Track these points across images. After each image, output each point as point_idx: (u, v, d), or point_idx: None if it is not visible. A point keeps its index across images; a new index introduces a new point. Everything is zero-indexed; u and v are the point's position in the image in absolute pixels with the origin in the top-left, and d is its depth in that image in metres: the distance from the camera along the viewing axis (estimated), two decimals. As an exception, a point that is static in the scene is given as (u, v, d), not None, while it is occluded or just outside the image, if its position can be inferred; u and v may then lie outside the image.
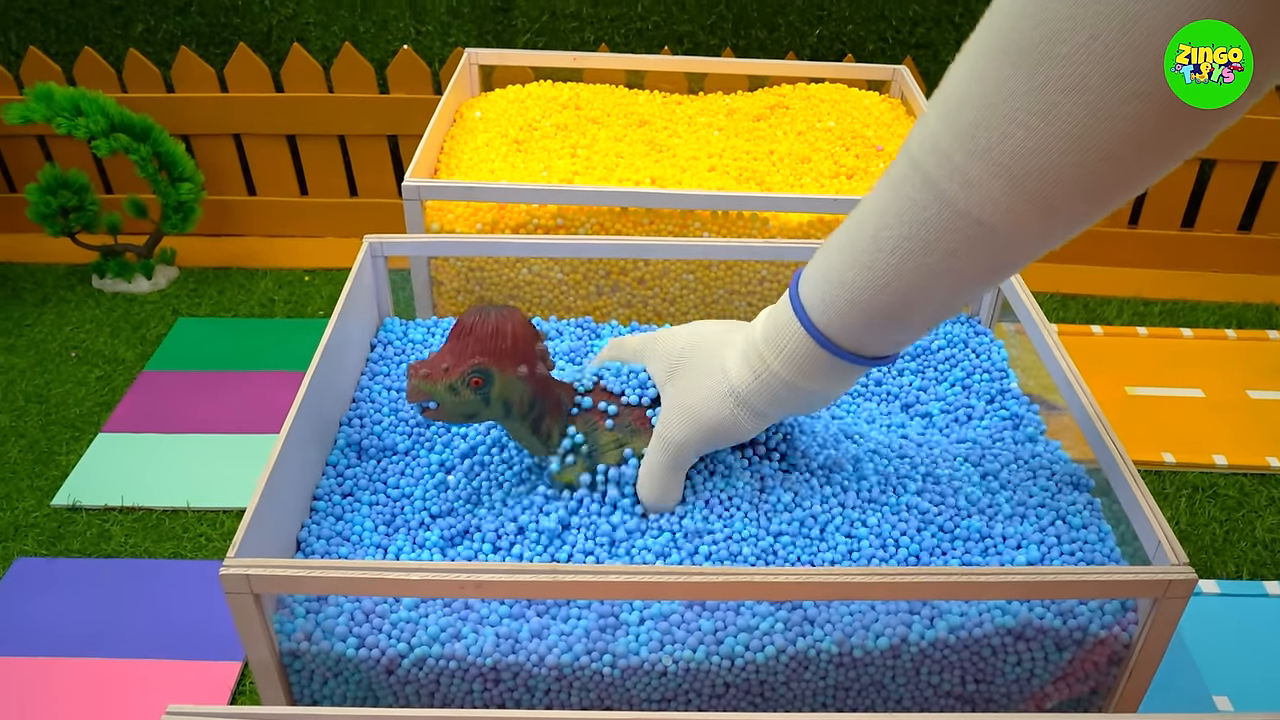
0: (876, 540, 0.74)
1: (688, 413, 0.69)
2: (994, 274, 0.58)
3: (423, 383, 0.69)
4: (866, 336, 0.62)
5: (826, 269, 0.61)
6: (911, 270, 0.57)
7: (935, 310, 0.60)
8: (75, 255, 1.77)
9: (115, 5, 1.73)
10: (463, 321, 0.70)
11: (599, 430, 0.74)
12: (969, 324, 0.97)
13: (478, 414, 0.71)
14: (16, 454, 1.37)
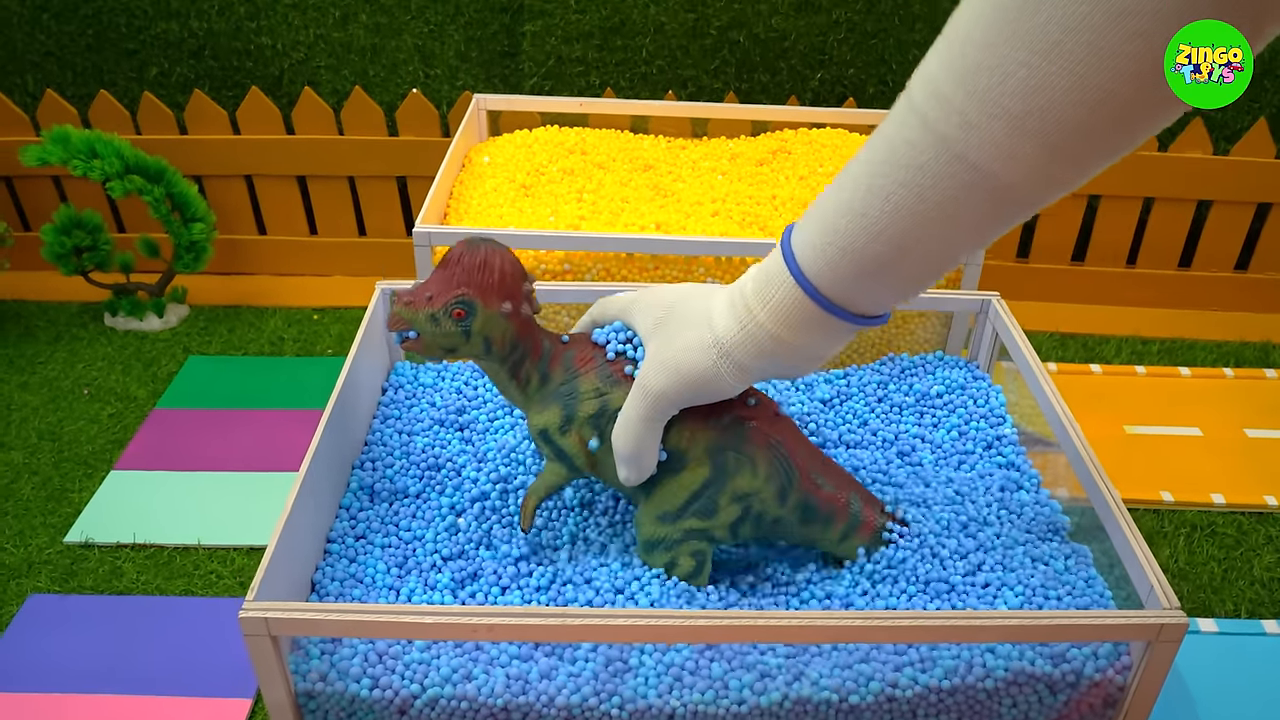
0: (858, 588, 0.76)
1: (669, 363, 0.68)
2: (987, 227, 0.57)
3: (404, 310, 0.69)
4: (857, 289, 0.61)
5: (819, 218, 0.61)
6: (905, 218, 0.56)
7: (927, 264, 0.60)
8: (87, 293, 1.80)
9: (130, 49, 1.77)
10: (451, 253, 0.69)
11: (579, 378, 0.73)
12: (967, 369, 0.99)
13: (457, 348, 0.70)
14: (29, 491, 1.39)
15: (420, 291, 0.69)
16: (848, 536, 0.77)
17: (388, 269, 1.87)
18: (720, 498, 0.73)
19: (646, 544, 0.75)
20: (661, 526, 0.74)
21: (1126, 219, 1.77)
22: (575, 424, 0.73)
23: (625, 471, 0.72)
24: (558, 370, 0.74)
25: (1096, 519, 0.78)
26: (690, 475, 0.73)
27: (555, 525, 0.80)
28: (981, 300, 0.98)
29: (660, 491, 0.74)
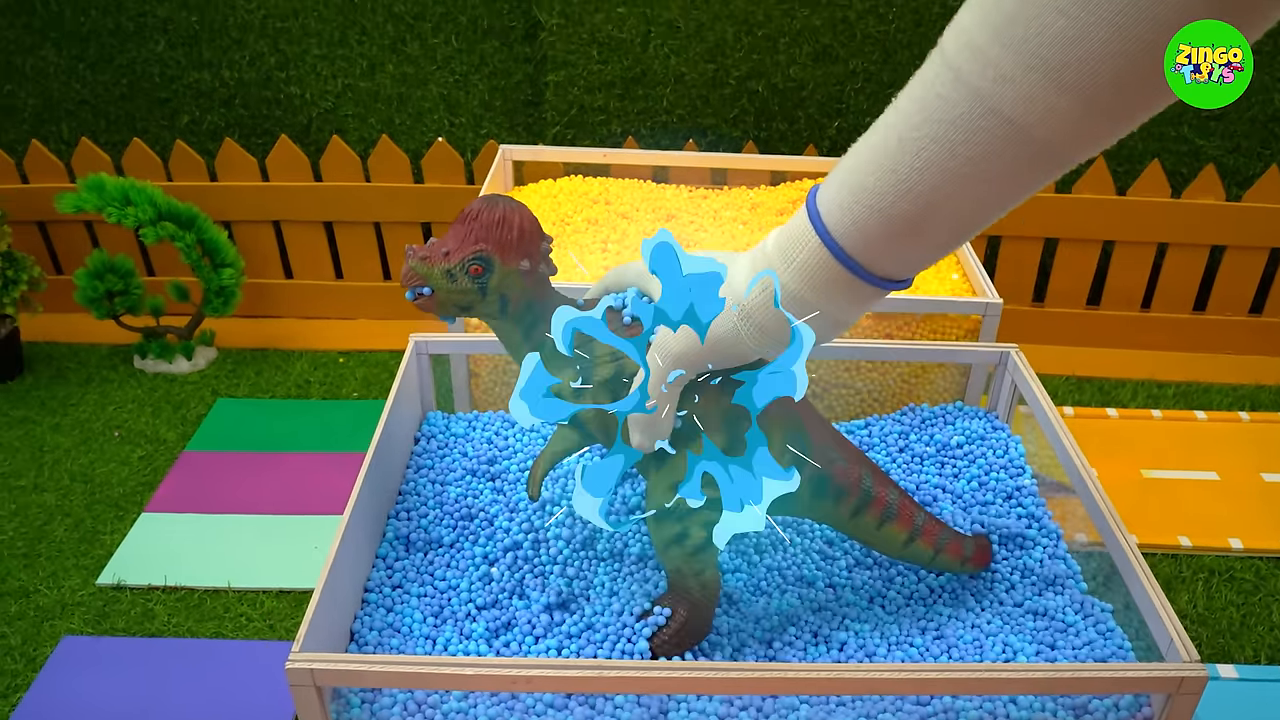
0: (872, 643, 0.78)
1: (683, 329, 0.65)
2: (1019, 185, 0.56)
3: (420, 265, 0.66)
4: (884, 250, 0.59)
5: (847, 176, 0.59)
6: (936, 174, 0.55)
7: (956, 224, 0.58)
8: (117, 336, 1.83)
9: (163, 98, 1.81)
10: (469, 208, 0.67)
11: (594, 341, 0.70)
12: (987, 419, 1.01)
13: (472, 306, 0.68)
14: (63, 533, 1.42)
15: (436, 247, 0.67)
16: (859, 513, 0.76)
17: (411, 314, 1.90)
18: None
19: (658, 514, 0.72)
20: (671, 494, 0.70)
21: (1141, 264, 1.79)
22: (589, 388, 0.71)
23: (639, 438, 0.68)
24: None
25: (1115, 567, 0.80)
26: (700, 444, 0.69)
27: (586, 575, 0.82)
28: (1001, 352, 1.00)
29: (673, 460, 0.70)
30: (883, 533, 0.78)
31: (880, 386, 1.11)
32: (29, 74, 1.80)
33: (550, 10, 1.66)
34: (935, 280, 1.19)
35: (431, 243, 0.67)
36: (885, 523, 0.78)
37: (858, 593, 0.84)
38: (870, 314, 1.14)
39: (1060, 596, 0.82)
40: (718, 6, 1.65)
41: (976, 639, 0.78)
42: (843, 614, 0.82)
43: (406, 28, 1.72)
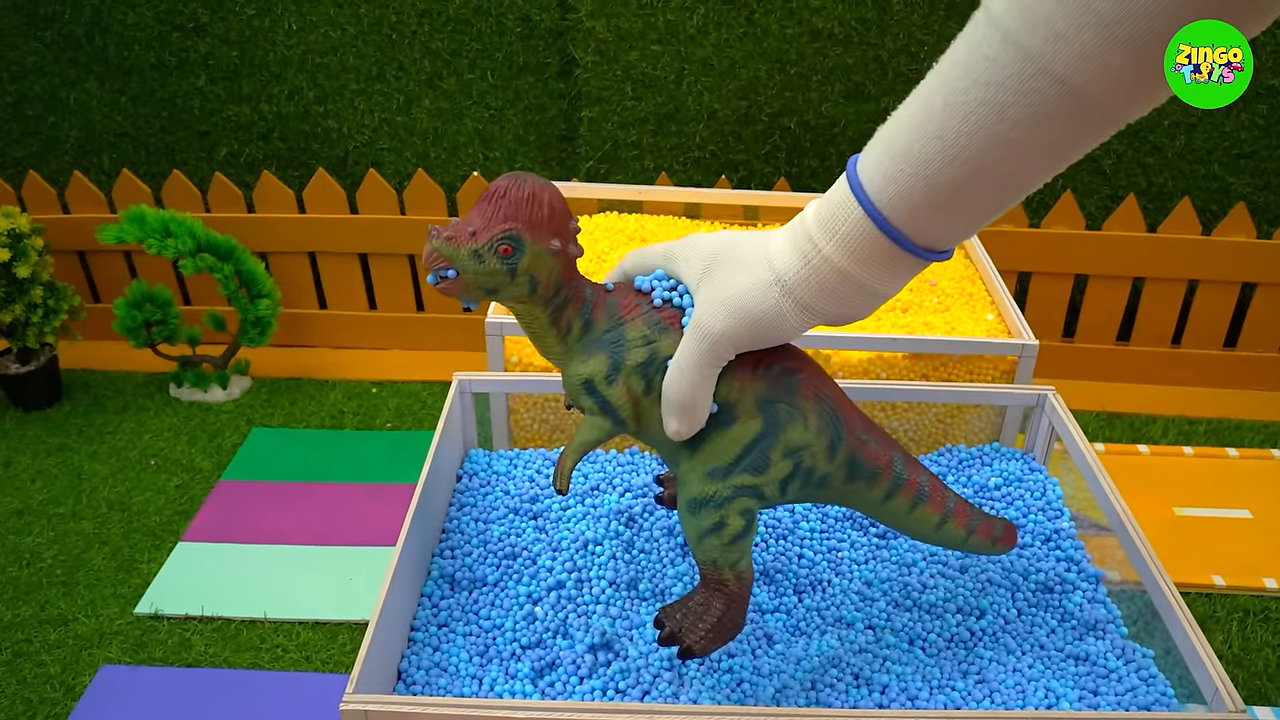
0: (914, 686, 0.78)
1: (728, 303, 0.64)
2: (1067, 147, 0.55)
3: (445, 245, 0.63)
4: (927, 219, 0.58)
5: (890, 144, 0.58)
6: (985, 138, 0.54)
7: (1002, 190, 0.57)
8: (153, 365, 1.86)
9: (202, 130, 1.84)
10: (495, 185, 0.63)
11: (625, 325, 0.69)
12: (1024, 460, 1.01)
13: (499, 289, 0.65)
14: (100, 561, 1.44)
15: (461, 226, 0.63)
16: (891, 496, 0.75)
17: (444, 344, 1.92)
18: (772, 452, 0.69)
19: (693, 502, 0.70)
20: (711, 483, 0.69)
21: (1171, 300, 1.80)
22: (623, 373, 0.68)
23: (676, 424, 0.67)
24: (601, 317, 0.69)
25: (1154, 610, 0.80)
26: (741, 428, 0.68)
27: (629, 615, 0.83)
28: (1038, 395, 1.00)
29: (709, 446, 0.69)
30: (915, 515, 0.76)
31: (916, 427, 1.12)
32: (72, 107, 1.83)
33: (585, 48, 1.68)
34: (970, 321, 1.20)
35: (455, 222, 0.63)
36: (918, 505, 0.76)
37: (898, 635, 0.85)
38: (906, 355, 1.15)
39: (1101, 642, 0.82)
40: (751, 45, 1.67)
41: (1019, 684, 0.78)
42: (883, 656, 0.83)
43: (443, 64, 1.75)
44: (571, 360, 0.69)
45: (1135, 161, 1.75)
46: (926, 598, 0.87)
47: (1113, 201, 1.78)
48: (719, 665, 0.80)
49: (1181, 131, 1.70)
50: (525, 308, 0.67)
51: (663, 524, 0.94)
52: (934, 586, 0.87)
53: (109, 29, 1.76)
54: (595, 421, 0.70)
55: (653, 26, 1.66)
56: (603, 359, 0.68)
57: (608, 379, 0.68)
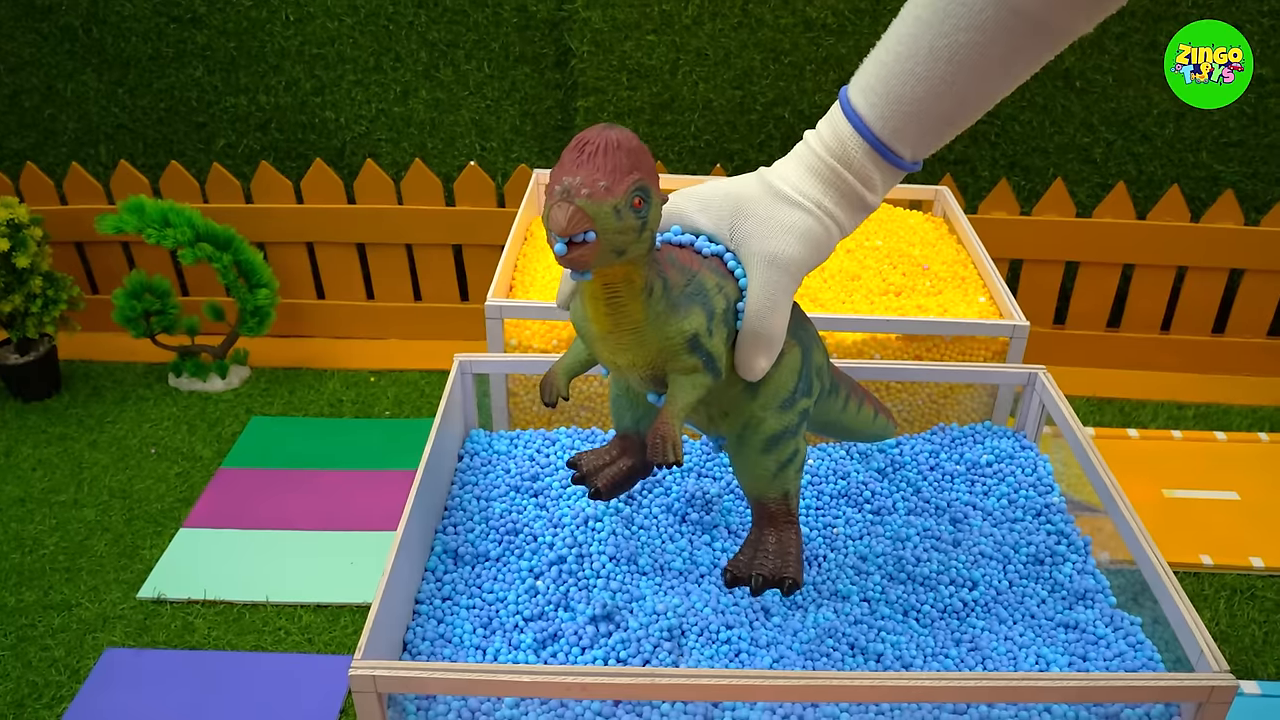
0: (909, 654, 0.80)
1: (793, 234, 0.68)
2: (1033, 69, 0.65)
3: (589, 203, 0.55)
4: (919, 143, 0.69)
5: (881, 86, 0.67)
6: (969, 74, 0.64)
7: (978, 110, 0.68)
8: (152, 355, 1.87)
9: (200, 122, 1.85)
10: (597, 138, 0.57)
11: (698, 275, 0.67)
12: (1015, 438, 1.03)
13: (627, 249, 0.58)
14: (103, 547, 1.45)
15: (592, 181, 0.55)
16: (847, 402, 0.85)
17: (442, 333, 1.94)
18: (810, 372, 0.75)
19: (771, 439, 0.72)
20: (784, 415, 0.72)
21: (1160, 287, 1.82)
22: (715, 321, 0.67)
23: (765, 361, 0.69)
24: (674, 273, 0.65)
25: (1143, 584, 0.82)
26: (791, 358, 0.73)
27: (629, 588, 0.85)
28: (1029, 374, 1.02)
29: (772, 382, 0.72)
30: (861, 413, 0.87)
31: (909, 407, 1.14)
32: (69, 98, 1.84)
33: (581, 38, 1.70)
34: (963, 303, 1.22)
35: (577, 179, 0.55)
36: (862, 405, 0.87)
37: (892, 606, 0.87)
38: (900, 336, 1.16)
39: (1090, 610, 0.84)
40: (745, 35, 1.68)
41: (1010, 651, 0.80)
42: (879, 627, 0.84)
43: (440, 55, 1.76)
44: (662, 321, 0.64)
45: (1125, 150, 1.77)
46: (920, 570, 0.89)
47: (1102, 190, 1.80)
48: (717, 636, 0.81)
49: (1170, 120, 1.72)
50: (627, 272, 0.61)
51: (661, 501, 0.95)
52: (927, 560, 0.89)
53: (106, 20, 1.77)
54: (697, 379, 0.67)
55: (648, 17, 1.67)
56: (699, 312, 0.65)
57: (709, 331, 0.66)
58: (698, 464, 1.00)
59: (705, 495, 0.94)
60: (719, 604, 0.85)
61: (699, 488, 0.95)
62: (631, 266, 0.61)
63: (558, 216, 0.55)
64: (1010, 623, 0.84)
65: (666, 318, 0.64)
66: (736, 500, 0.97)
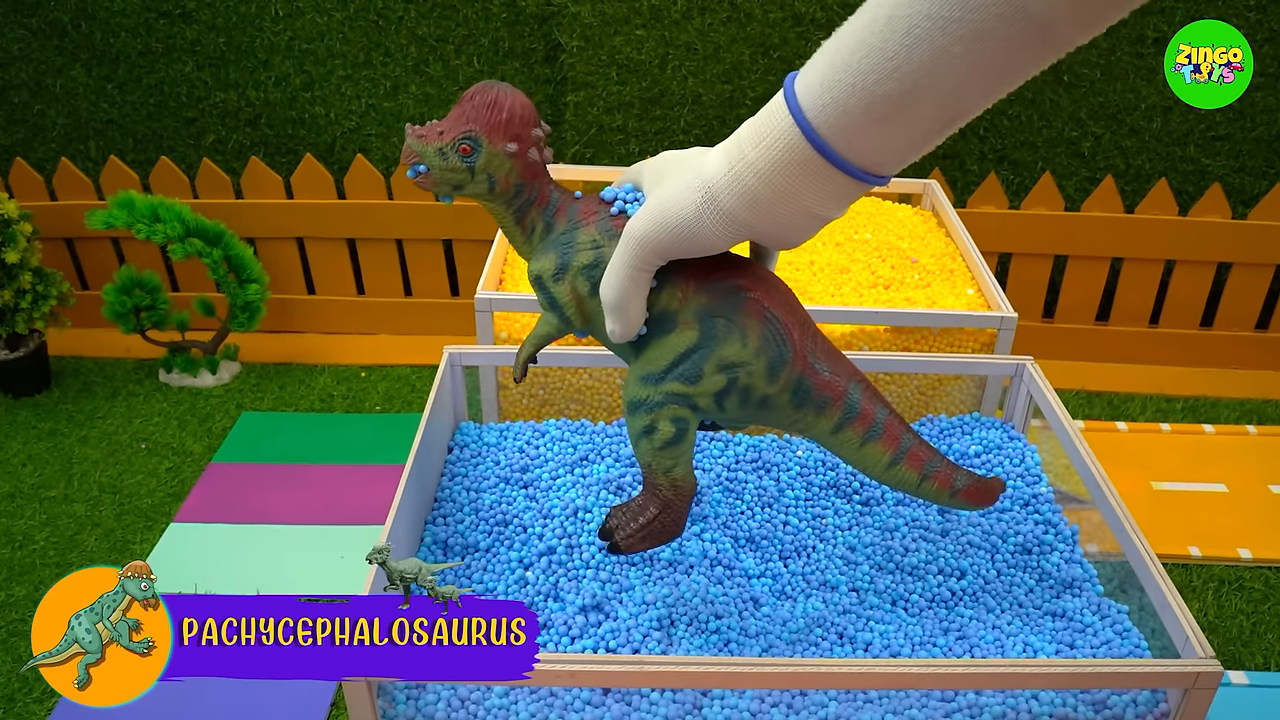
0: (897, 643, 0.81)
1: (653, 207, 0.65)
2: (1010, 68, 0.54)
3: (416, 142, 0.69)
4: (860, 134, 0.57)
5: (829, 55, 0.57)
6: (926, 52, 0.53)
7: (940, 109, 0.56)
8: (142, 350, 1.87)
9: (189, 117, 1.85)
10: (468, 92, 0.69)
11: (579, 228, 0.72)
12: (1003, 429, 1.04)
13: (463, 185, 0.70)
14: (93, 542, 1.45)
15: (433, 127, 0.69)
16: (841, 428, 0.74)
17: (433, 328, 1.94)
18: (705, 364, 0.71)
19: (629, 404, 0.73)
20: (644, 388, 0.72)
21: (1149, 280, 1.83)
22: (569, 273, 0.72)
23: (612, 324, 0.70)
24: (561, 220, 0.73)
25: (1130, 573, 0.82)
26: (678, 337, 0.71)
27: (618, 578, 0.85)
28: (1017, 364, 1.03)
29: (648, 352, 0.72)
30: (866, 451, 0.75)
31: (898, 399, 1.14)
32: (58, 94, 1.84)
33: (570, 33, 1.70)
34: (951, 295, 1.22)
35: (430, 123, 0.70)
36: (869, 441, 0.75)
37: (881, 596, 0.87)
38: (889, 328, 1.17)
39: (1078, 599, 0.85)
40: (734, 29, 1.68)
41: (998, 639, 0.81)
42: (867, 616, 0.85)
43: (429, 50, 1.76)
44: (531, 258, 0.74)
45: (1113, 144, 1.77)
46: (909, 560, 0.89)
47: (1091, 183, 1.80)
48: (706, 626, 0.82)
49: (1158, 114, 1.73)
50: (492, 206, 0.72)
51: (651, 492, 0.96)
52: (915, 550, 0.90)
53: (95, 15, 1.77)
54: (546, 317, 0.75)
55: (637, 11, 1.67)
56: (552, 258, 0.72)
57: (554, 277, 0.73)
58: (687, 456, 1.01)
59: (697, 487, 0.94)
60: (708, 594, 0.85)
61: (689, 479, 0.95)
62: (495, 205, 0.72)
63: (403, 148, 0.69)
64: (998, 611, 0.85)
65: (533, 254, 0.74)
66: (725, 493, 0.98)
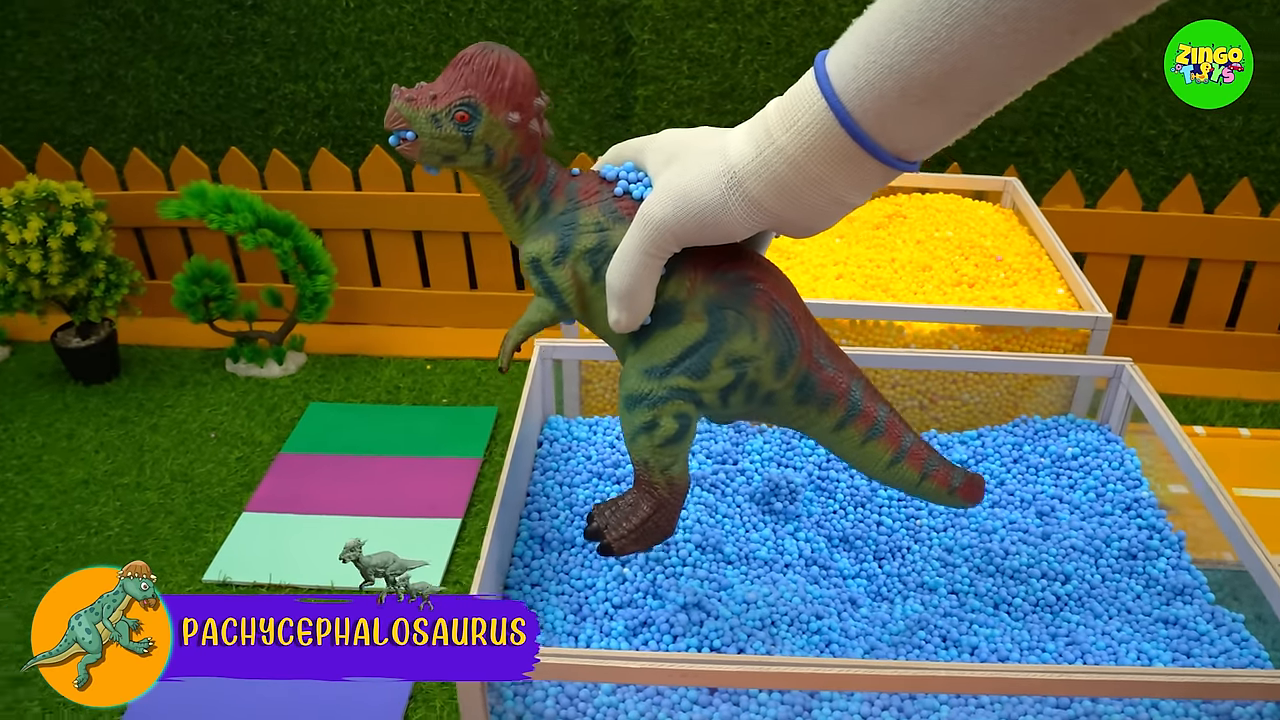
0: (1004, 647, 0.79)
1: (673, 190, 0.61)
2: (1054, 48, 0.51)
3: (404, 106, 0.63)
4: (896, 119, 0.54)
5: (864, 34, 0.54)
6: (968, 32, 0.50)
7: (980, 92, 0.53)
8: (209, 340, 1.88)
9: (258, 108, 1.85)
10: (463, 53, 0.64)
11: (581, 209, 0.68)
12: (1099, 432, 1.02)
13: (456, 156, 0.65)
14: (167, 530, 1.46)
15: (424, 90, 0.64)
16: (843, 426, 0.71)
17: (498, 321, 1.93)
18: (714, 358, 0.67)
19: (628, 399, 0.69)
20: (647, 381, 0.68)
21: (1228, 282, 1.79)
22: (570, 256, 0.68)
23: (616, 313, 0.66)
24: (560, 199, 0.69)
25: (1244, 581, 0.80)
26: (685, 329, 0.67)
27: (716, 577, 0.84)
28: (1115, 365, 1.01)
29: (651, 344, 0.68)
30: (866, 450, 0.73)
31: (986, 399, 1.12)
32: (130, 85, 1.85)
33: (642, 26, 1.69)
34: (1041, 295, 1.20)
35: (420, 86, 0.64)
36: (870, 440, 0.73)
37: (982, 599, 0.86)
38: (979, 327, 1.15)
39: (1189, 606, 0.83)
40: (808, 23, 1.67)
41: (1109, 645, 0.79)
42: (969, 620, 0.83)
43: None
44: (525, 240, 0.69)
45: (1192, 142, 1.74)
46: (1009, 563, 0.87)
47: (1168, 183, 1.77)
48: (808, 627, 0.80)
49: (1240, 112, 1.69)
50: (484, 181, 0.68)
51: (744, 490, 0.95)
52: (1016, 553, 0.88)
53: (167, 7, 1.78)
54: (540, 303, 0.70)
55: (710, 4, 1.66)
56: (552, 240, 0.68)
57: (554, 260, 0.68)
58: (778, 454, 0.99)
59: (790, 485, 0.93)
60: (807, 594, 0.84)
61: (783, 477, 0.94)
62: (487, 179, 0.67)
63: (388, 111, 0.64)
64: (1106, 617, 0.83)
65: (527, 236, 0.69)
66: (818, 492, 0.96)
